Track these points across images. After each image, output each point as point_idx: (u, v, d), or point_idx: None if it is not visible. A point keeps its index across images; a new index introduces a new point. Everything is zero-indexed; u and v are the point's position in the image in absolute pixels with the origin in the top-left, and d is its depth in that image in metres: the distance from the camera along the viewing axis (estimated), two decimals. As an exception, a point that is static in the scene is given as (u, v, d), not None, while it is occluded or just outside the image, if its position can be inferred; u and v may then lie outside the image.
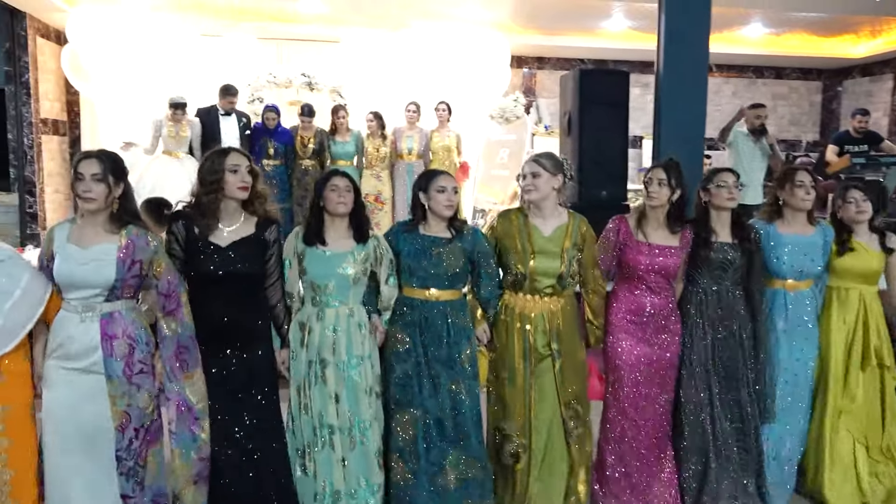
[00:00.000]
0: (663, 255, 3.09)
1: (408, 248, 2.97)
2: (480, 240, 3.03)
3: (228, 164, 2.69)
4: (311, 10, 7.44)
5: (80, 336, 2.47)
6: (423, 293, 2.96)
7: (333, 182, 2.85)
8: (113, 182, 2.50)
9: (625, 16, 7.74)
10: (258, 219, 2.80)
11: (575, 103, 5.70)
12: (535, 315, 3.03)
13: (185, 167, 6.23)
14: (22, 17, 7.12)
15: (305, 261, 2.86)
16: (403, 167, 7.10)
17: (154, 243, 2.57)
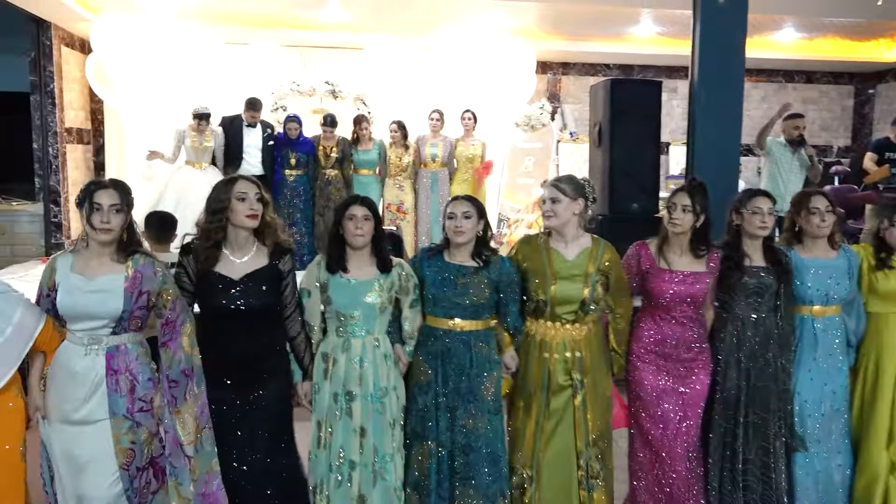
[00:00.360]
0: (689, 283, 2.95)
1: (432, 277, 2.88)
2: (507, 269, 2.91)
3: (236, 191, 2.59)
4: (335, 17, 7.37)
5: (83, 372, 2.41)
6: (446, 323, 2.87)
7: (351, 211, 2.76)
8: (127, 212, 2.46)
9: (653, 22, 7.59)
10: (271, 249, 2.70)
11: (605, 114, 5.58)
12: (557, 343, 2.92)
13: (207, 177, 6.18)
14: (47, 26, 7.12)
15: (330, 290, 2.77)
16: (427, 175, 7.01)
17: (161, 273, 2.51)
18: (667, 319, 2.99)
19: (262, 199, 2.62)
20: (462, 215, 2.84)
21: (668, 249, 3.00)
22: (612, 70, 9.48)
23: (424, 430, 2.85)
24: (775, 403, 3.03)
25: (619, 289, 2.98)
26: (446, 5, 6.98)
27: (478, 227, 2.88)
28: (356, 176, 6.86)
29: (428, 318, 2.91)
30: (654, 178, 5.70)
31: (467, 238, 2.84)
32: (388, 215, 6.93)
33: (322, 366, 2.79)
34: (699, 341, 3.02)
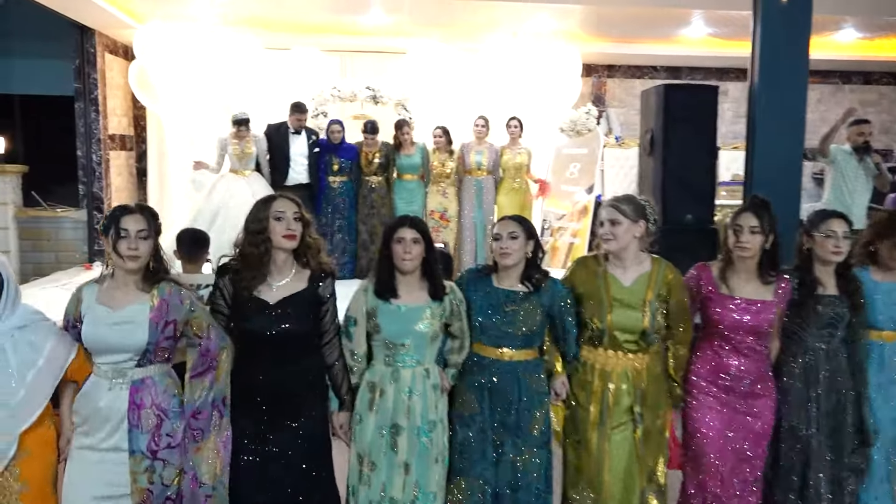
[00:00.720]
0: (754, 312, 2.72)
1: (479, 302, 2.70)
2: (560, 293, 2.71)
3: (273, 210, 2.47)
4: (377, 22, 7.25)
5: (107, 406, 2.30)
6: (494, 352, 2.69)
7: (399, 233, 2.59)
8: (155, 238, 2.35)
9: (705, 23, 7.30)
10: (311, 272, 2.56)
11: (659, 121, 5.36)
12: (619, 373, 2.70)
13: (251, 185, 6.11)
14: (91, 33, 7.14)
15: (378, 317, 2.59)
16: (471, 183, 6.84)
17: (188, 301, 2.38)
18: (728, 349, 2.77)
19: (301, 218, 2.50)
20: (508, 236, 2.66)
21: (731, 273, 2.77)
22: (658, 72, 9.20)
23: (467, 465, 2.66)
24: (847, 438, 2.82)
25: (679, 313, 2.76)
26: (491, 9, 6.81)
27: (526, 248, 2.68)
28: (400, 181, 6.73)
29: (474, 344, 2.73)
30: (709, 187, 5.45)
31: (514, 260, 2.65)
32: (430, 222, 6.78)
33: (367, 396, 2.61)
34: (763, 374, 2.79)
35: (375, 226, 6.61)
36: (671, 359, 2.83)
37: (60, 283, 6.09)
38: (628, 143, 8.93)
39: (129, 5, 6.79)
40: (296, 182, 6.44)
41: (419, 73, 7.58)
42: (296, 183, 6.44)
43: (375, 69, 7.89)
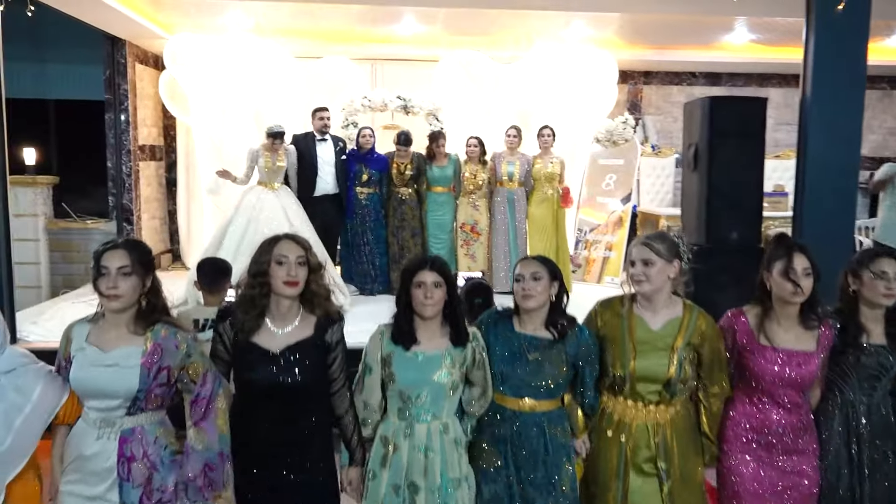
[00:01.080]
0: (795, 364, 2.49)
1: (500, 349, 2.50)
2: (586, 341, 2.51)
3: (275, 253, 2.28)
4: (409, 31, 7.11)
5: (95, 456, 2.13)
6: (515, 402, 2.49)
7: (419, 277, 2.39)
8: (141, 276, 2.15)
9: (749, 29, 7.03)
10: (318, 319, 2.37)
11: (703, 135, 5.12)
12: (637, 426, 2.50)
13: (280, 199, 5.98)
14: (121, 44, 7.10)
15: (394, 365, 2.40)
16: (503, 195, 6.65)
17: (185, 345, 2.21)
18: (767, 404, 2.55)
19: (307, 262, 2.31)
20: (531, 276, 2.47)
21: (771, 320, 2.54)
22: (697, 79, 8.92)
23: None
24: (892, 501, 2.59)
25: (714, 365, 2.54)
26: (526, 18, 6.62)
27: (550, 290, 2.48)
28: (431, 193, 6.57)
29: (495, 394, 2.53)
30: (756, 205, 5.19)
31: (537, 304, 2.46)
32: (461, 235, 6.63)
33: (381, 451, 2.42)
34: (807, 429, 2.57)
35: (406, 239, 6.47)
36: (704, 414, 2.60)
37: (88, 297, 6.02)
38: (665, 151, 8.67)
39: (159, 16, 6.74)
40: (324, 193, 6.32)
41: (451, 82, 7.41)
42: (324, 194, 6.31)
43: (406, 78, 7.74)
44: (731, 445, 2.60)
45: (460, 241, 6.65)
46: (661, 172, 8.67)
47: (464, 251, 6.63)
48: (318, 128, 6.34)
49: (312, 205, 6.14)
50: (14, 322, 4.90)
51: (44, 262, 7.08)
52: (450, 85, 7.41)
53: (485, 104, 7.45)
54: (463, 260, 6.63)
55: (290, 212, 5.88)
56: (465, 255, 6.62)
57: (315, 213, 6.06)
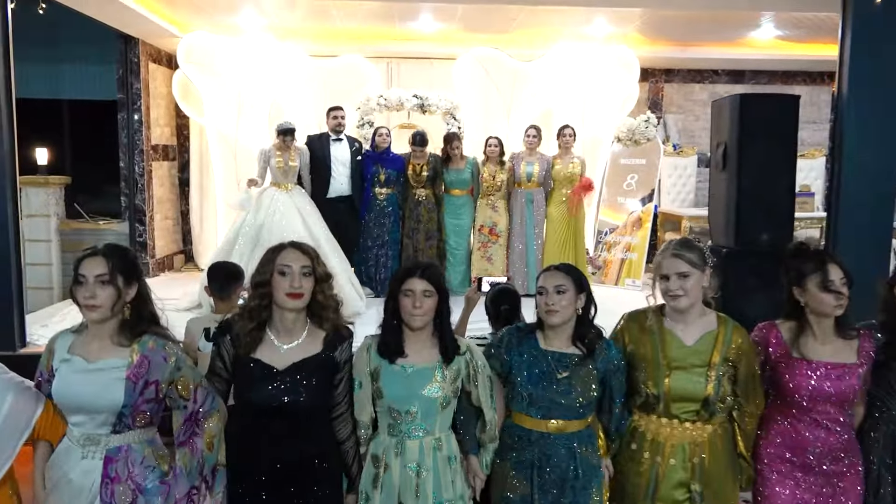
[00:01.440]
0: (834, 378, 2.34)
1: (527, 370, 2.32)
2: (614, 357, 2.36)
3: (278, 263, 2.14)
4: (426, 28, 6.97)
5: (78, 479, 1.99)
6: (543, 425, 2.31)
7: (408, 285, 2.22)
8: (123, 284, 2.00)
9: (775, 25, 6.83)
10: (327, 334, 2.21)
11: (733, 134, 4.92)
12: (673, 446, 2.34)
13: (293, 200, 5.85)
14: (134, 42, 7.00)
15: (381, 379, 2.23)
16: (522, 196, 6.50)
17: (174, 358, 2.06)
18: (805, 422, 2.39)
19: (314, 272, 2.15)
20: (554, 290, 2.30)
21: (806, 333, 2.39)
22: (720, 76, 8.72)
23: None
24: None
25: (750, 381, 2.39)
26: (546, 14, 6.46)
27: (576, 303, 2.31)
28: (448, 196, 6.43)
29: (517, 415, 2.36)
30: (788, 206, 4.98)
31: (562, 319, 2.29)
32: (479, 237, 6.47)
33: (372, 471, 2.26)
34: (849, 449, 2.40)
35: (421, 241, 6.33)
36: (740, 434, 2.45)
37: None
38: (686, 150, 8.48)
39: (172, 15, 6.63)
40: (338, 194, 6.18)
41: (469, 80, 7.25)
42: (338, 195, 6.18)
43: (423, 77, 7.59)
44: (767, 466, 2.44)
45: (478, 243, 6.49)
46: (683, 172, 8.48)
47: (480, 253, 6.47)
48: (332, 127, 6.21)
49: (326, 206, 6.00)
50: (24, 325, 4.80)
51: (56, 263, 6.99)
52: (468, 83, 7.26)
53: (503, 103, 7.29)
54: (479, 262, 6.47)
55: (305, 213, 5.75)
56: (482, 257, 6.46)
57: (328, 215, 5.91)
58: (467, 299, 3.14)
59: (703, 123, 8.80)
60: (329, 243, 5.64)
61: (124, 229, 7.17)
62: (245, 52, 7.07)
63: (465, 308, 3.14)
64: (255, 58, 7.08)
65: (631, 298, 6.52)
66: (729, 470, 2.41)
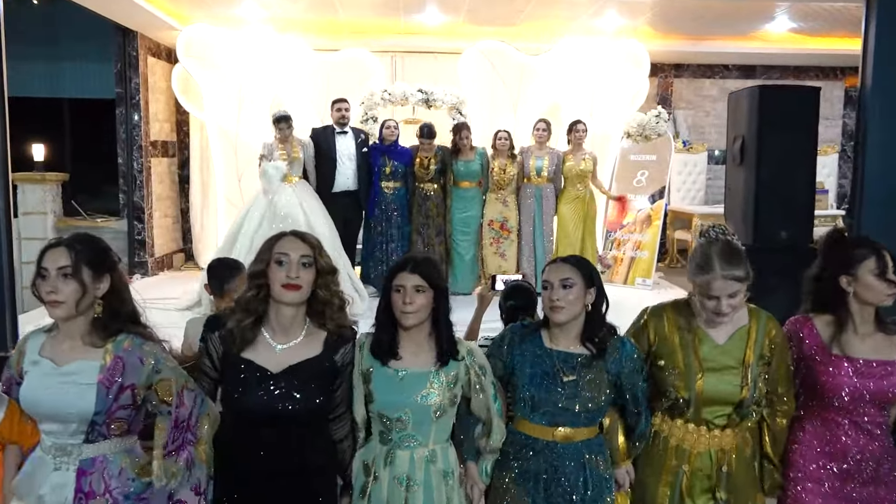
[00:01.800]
0: (877, 376, 2.16)
1: (529, 370, 2.12)
2: (630, 356, 2.14)
3: (276, 251, 1.94)
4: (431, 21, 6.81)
5: (50, 495, 1.80)
6: (549, 432, 2.11)
7: (399, 280, 2.02)
8: (91, 278, 1.80)
9: (790, 17, 6.66)
10: (328, 333, 2.02)
11: (752, 126, 4.75)
12: (699, 453, 2.17)
13: (297, 193, 5.68)
14: (133, 35, 6.84)
15: (373, 382, 2.05)
16: (531, 191, 6.34)
17: (152, 360, 1.86)
18: (844, 425, 2.21)
19: (315, 263, 1.95)
20: (560, 284, 2.08)
21: (844, 328, 2.21)
22: (730, 71, 8.55)
23: None
24: None
25: (782, 378, 2.22)
26: (554, 6, 6.30)
27: (585, 298, 2.11)
28: (457, 189, 6.26)
29: (520, 422, 2.16)
30: (808, 201, 4.81)
31: (568, 316, 2.09)
32: (490, 233, 6.31)
33: (362, 479, 2.08)
34: (890, 455, 2.22)
35: (431, 236, 6.18)
36: (768, 435, 2.27)
37: (98, 299, 5.76)
38: (696, 147, 8.32)
39: (171, 6, 6.47)
40: (344, 188, 6.01)
41: (475, 74, 7.08)
42: (343, 189, 6.01)
43: (428, 71, 7.43)
44: (800, 473, 2.26)
45: (489, 239, 6.33)
46: (693, 169, 8.32)
47: (493, 249, 6.31)
48: (336, 119, 6.04)
49: (330, 201, 5.83)
50: (16, 325, 4.63)
51: (53, 261, 6.84)
52: (473, 78, 7.08)
53: (510, 98, 7.13)
54: (492, 259, 6.31)
55: (308, 206, 5.58)
56: (495, 253, 6.31)
57: (333, 210, 5.74)
58: (480, 298, 2.97)
59: (713, 119, 8.65)
60: (331, 239, 5.48)
61: (123, 227, 7.02)
62: (246, 45, 6.90)
63: (478, 307, 2.98)
64: (257, 51, 6.92)
65: (641, 297, 6.37)
66: (753, 475, 2.25)
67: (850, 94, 8.50)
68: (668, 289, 6.75)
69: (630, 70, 7.13)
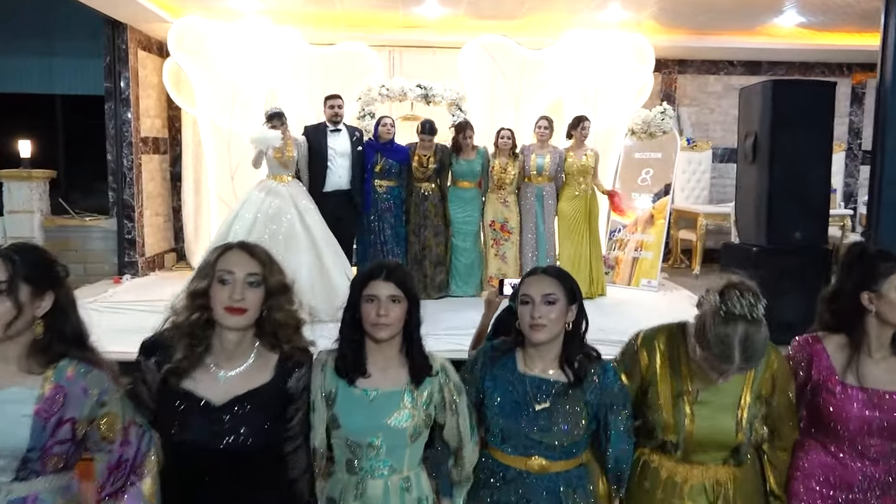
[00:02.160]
0: (890, 409, 1.99)
1: (500, 396, 1.95)
2: (611, 386, 1.96)
3: (220, 267, 1.72)
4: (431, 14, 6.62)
5: None
6: (522, 461, 1.93)
7: (370, 289, 1.84)
8: (29, 295, 1.58)
9: (798, 11, 6.48)
10: (280, 356, 1.81)
11: (764, 123, 4.60)
12: (692, 487, 1.99)
13: (290, 192, 5.48)
14: (122, 28, 6.63)
15: (337, 405, 1.85)
16: (532, 191, 6.15)
17: (97, 391, 1.63)
18: (849, 455, 2.06)
19: (264, 282, 1.73)
20: (542, 300, 1.90)
21: (858, 350, 2.04)
22: (735, 67, 8.37)
23: None
24: None
25: (784, 411, 2.04)
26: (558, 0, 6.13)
27: (567, 316, 1.93)
28: (455, 189, 6.08)
29: (492, 450, 2.00)
30: (822, 200, 4.68)
31: (550, 335, 1.91)
32: (490, 234, 6.12)
33: None
34: None
35: (428, 238, 5.99)
36: (770, 470, 2.11)
37: (86, 300, 5.56)
38: (701, 145, 8.15)
39: (162, -3, 6.27)
40: (336, 188, 5.81)
41: (475, 69, 6.88)
42: (336, 189, 5.81)
43: (427, 66, 7.22)
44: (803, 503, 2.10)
45: (489, 240, 6.15)
46: (697, 168, 8.15)
47: (493, 251, 6.13)
48: (329, 117, 5.85)
49: (323, 201, 5.61)
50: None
51: (40, 261, 6.63)
52: (474, 72, 6.89)
53: (511, 93, 6.94)
54: (493, 261, 6.13)
55: (301, 206, 5.38)
56: (495, 255, 6.12)
57: (327, 210, 5.53)
58: (487, 303, 2.78)
59: (718, 116, 8.48)
60: (326, 240, 5.30)
61: (112, 226, 6.80)
62: (240, 38, 6.69)
63: (485, 312, 2.78)
64: (251, 44, 6.71)
65: (646, 299, 6.20)
66: None
67: (857, 90, 8.34)
68: (674, 290, 6.57)
69: (634, 65, 6.95)
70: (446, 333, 4.63)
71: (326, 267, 5.15)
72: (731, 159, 8.42)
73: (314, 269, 5.12)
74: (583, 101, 6.88)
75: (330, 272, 5.15)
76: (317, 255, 5.18)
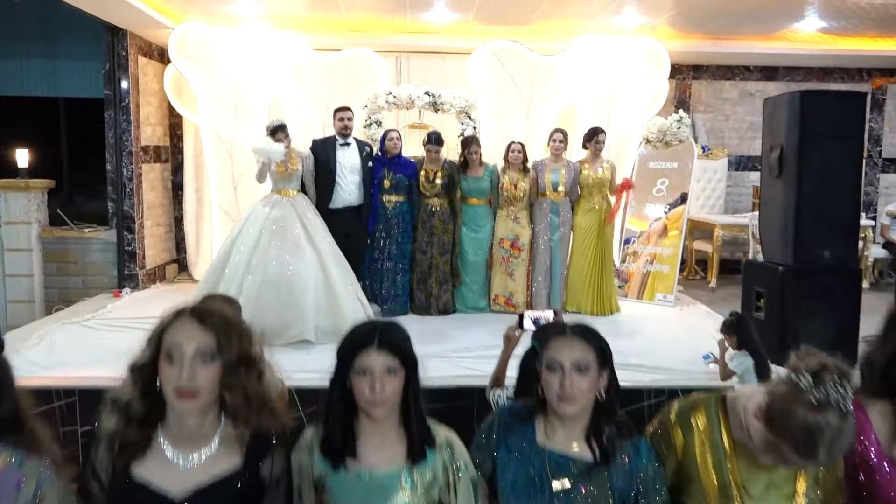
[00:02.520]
0: None
1: (512, 476, 1.71)
2: (645, 467, 1.73)
3: (166, 339, 1.48)
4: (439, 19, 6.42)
5: None
6: None
7: (362, 361, 1.61)
8: None
9: (820, 16, 6.26)
10: (250, 438, 1.56)
11: (791, 136, 4.38)
12: None
13: (296, 208, 5.27)
14: (123, 35, 6.44)
15: (329, 492, 1.64)
16: (546, 206, 5.90)
17: (33, 482, 1.42)
18: None
19: (219, 356, 1.48)
20: (573, 367, 1.67)
21: None
22: (751, 73, 8.15)
23: None
24: None
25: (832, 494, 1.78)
26: (570, 4, 5.90)
27: (599, 384, 1.71)
28: (466, 206, 5.85)
29: None
30: (853, 217, 4.45)
31: (581, 407, 1.69)
32: (500, 252, 5.90)
33: None
34: None
35: (435, 256, 5.77)
36: None
37: (83, 317, 5.38)
38: (716, 153, 7.94)
39: (163, 3, 6.07)
40: (346, 204, 5.61)
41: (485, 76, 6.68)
42: (346, 205, 5.61)
43: (436, 72, 7.02)
44: None
45: (498, 258, 5.91)
46: (713, 176, 7.94)
47: (502, 269, 5.90)
48: (338, 130, 5.64)
49: (332, 218, 5.39)
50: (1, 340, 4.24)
51: (37, 274, 6.45)
52: (483, 79, 6.68)
53: (522, 100, 6.73)
54: (500, 279, 5.90)
55: (308, 222, 5.17)
56: (504, 273, 5.89)
57: (335, 227, 5.31)
58: (506, 338, 2.58)
59: (733, 123, 8.26)
60: (334, 258, 5.08)
61: (111, 237, 6.62)
62: (242, 44, 6.51)
63: (504, 349, 2.58)
64: (253, 51, 6.52)
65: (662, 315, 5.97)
66: None
67: (877, 96, 8.11)
68: (689, 304, 6.35)
69: (649, 71, 6.74)
70: (456, 355, 4.44)
71: (333, 284, 4.95)
72: (747, 167, 8.20)
73: (320, 286, 4.91)
74: (596, 108, 6.68)
75: (337, 289, 4.94)
76: (323, 271, 4.97)
